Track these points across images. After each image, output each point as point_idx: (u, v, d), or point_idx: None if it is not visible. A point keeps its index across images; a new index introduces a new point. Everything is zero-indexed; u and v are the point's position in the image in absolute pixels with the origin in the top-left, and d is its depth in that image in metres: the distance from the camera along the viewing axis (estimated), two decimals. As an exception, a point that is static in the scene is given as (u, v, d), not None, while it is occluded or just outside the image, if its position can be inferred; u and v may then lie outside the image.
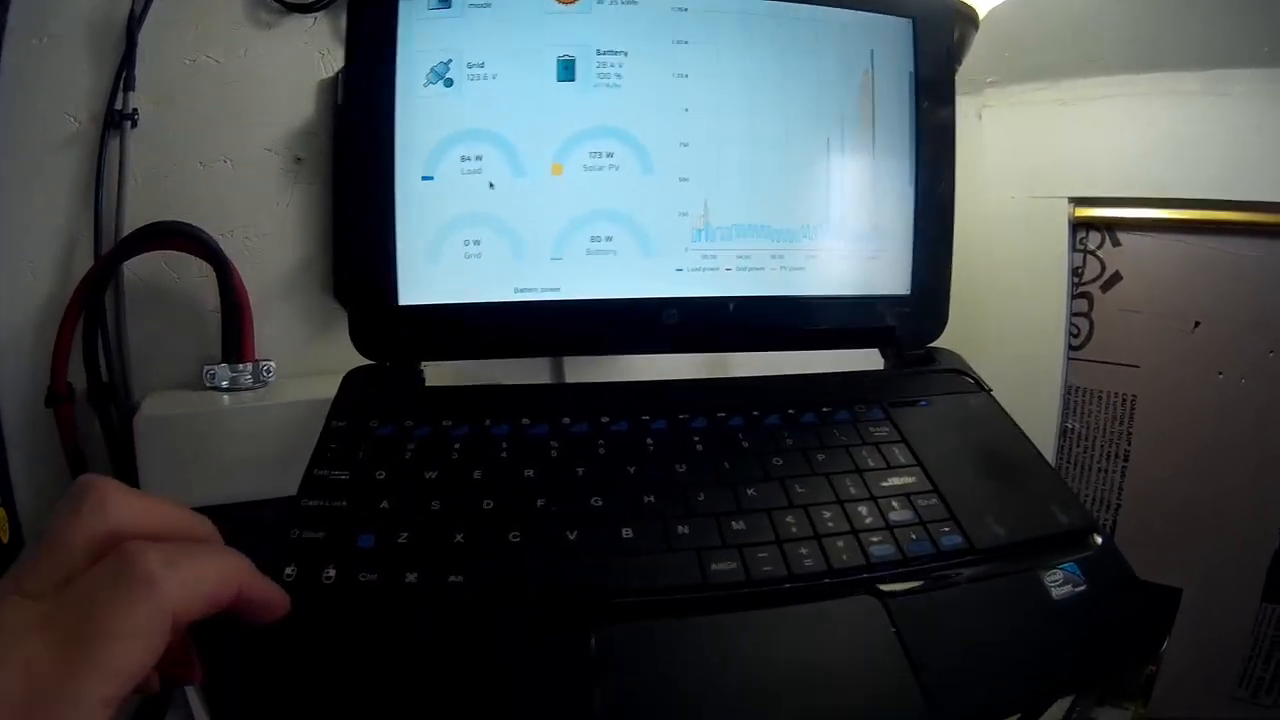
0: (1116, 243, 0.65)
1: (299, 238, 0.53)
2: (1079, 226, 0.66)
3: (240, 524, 0.48)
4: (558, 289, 0.40)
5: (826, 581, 0.30)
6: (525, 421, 0.36)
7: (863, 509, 0.33)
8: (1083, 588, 0.32)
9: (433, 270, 0.40)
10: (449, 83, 0.40)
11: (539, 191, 0.40)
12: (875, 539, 0.31)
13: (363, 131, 0.40)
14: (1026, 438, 0.40)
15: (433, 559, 0.29)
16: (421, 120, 0.39)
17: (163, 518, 0.23)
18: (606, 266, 0.40)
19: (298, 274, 0.53)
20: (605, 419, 0.36)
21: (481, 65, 0.40)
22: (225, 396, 0.49)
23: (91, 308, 0.49)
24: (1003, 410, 0.42)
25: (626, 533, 0.30)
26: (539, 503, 0.32)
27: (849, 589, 0.30)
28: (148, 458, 0.46)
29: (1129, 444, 0.65)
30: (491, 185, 0.40)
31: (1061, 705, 0.65)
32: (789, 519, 0.31)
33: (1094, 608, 0.32)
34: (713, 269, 0.41)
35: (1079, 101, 0.65)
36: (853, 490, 0.34)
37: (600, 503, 0.32)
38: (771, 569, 0.29)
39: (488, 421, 0.36)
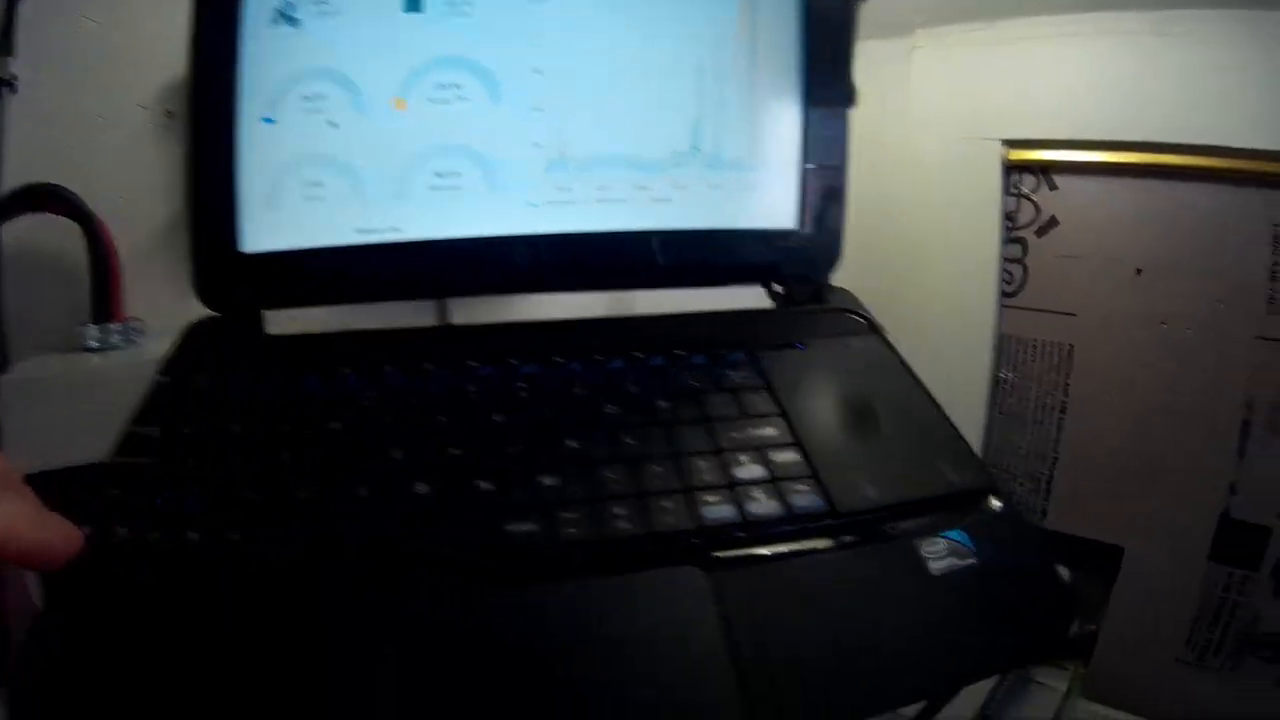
0: (1053, 186, 0.62)
1: (171, 194, 0.51)
2: (1013, 169, 0.62)
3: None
4: (400, 229, 0.38)
5: (646, 548, 0.26)
6: (346, 371, 0.33)
7: (702, 463, 0.29)
8: (970, 561, 0.28)
9: (275, 216, 0.38)
10: (293, 21, 0.37)
11: (381, 128, 0.37)
12: (711, 498, 0.27)
13: (207, 75, 0.37)
14: (921, 385, 0.37)
15: (218, 517, 0.27)
16: (266, 61, 0.37)
17: None
18: (452, 203, 0.38)
19: (169, 231, 0.51)
20: (429, 366, 0.33)
21: (326, 1, 0.37)
22: (95, 357, 0.47)
23: (-35, 272, 0.48)
24: (895, 353, 0.39)
25: (422, 488, 0.28)
26: (337, 457, 0.29)
27: (672, 557, 0.26)
28: (14, 422, 0.45)
29: (1066, 395, 0.62)
30: (332, 124, 0.38)
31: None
32: (609, 474, 0.28)
33: (984, 585, 0.27)
34: (569, 202, 0.38)
35: (1015, 41, 0.62)
36: (694, 443, 0.30)
37: (401, 456, 0.29)
38: (576, 531, 0.26)
39: (304, 374, 0.34)
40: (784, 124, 0.41)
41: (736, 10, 0.40)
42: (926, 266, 0.63)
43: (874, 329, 0.40)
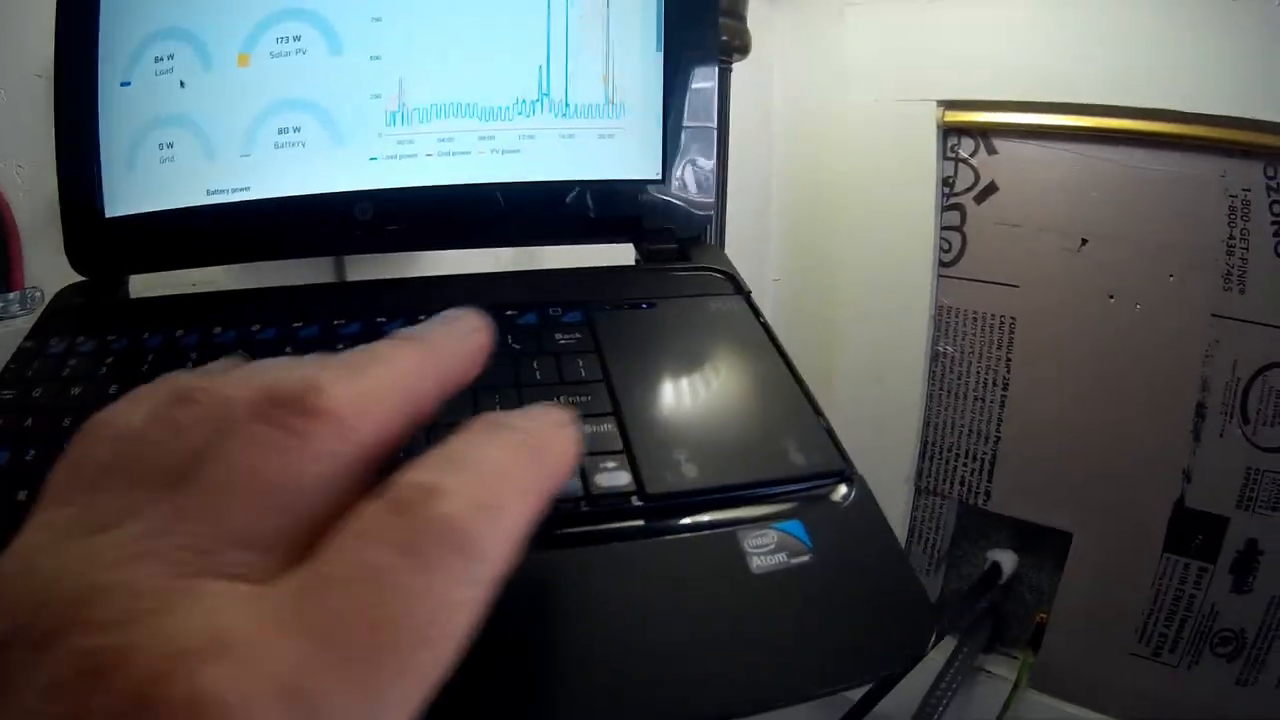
0: (992, 150, 0.59)
1: (69, 163, 0.51)
2: (950, 132, 0.59)
3: None
4: (247, 188, 0.37)
5: None
6: (179, 332, 0.33)
7: None
8: (804, 558, 0.23)
9: (133, 179, 0.38)
10: (146, -21, 0.37)
11: (227, 85, 0.37)
12: None
13: (69, 43, 0.38)
14: (783, 353, 0.32)
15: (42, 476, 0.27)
16: (120, 25, 0.37)
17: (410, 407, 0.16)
18: (296, 160, 0.37)
19: (67, 201, 0.52)
20: (256, 326, 0.33)
21: (175, -43, 0.37)
22: (-8, 325, 0.48)
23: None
24: (756, 318, 0.35)
25: None
26: None
27: None
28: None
29: (1009, 370, 0.59)
30: (182, 84, 0.37)
31: (945, 649, 0.60)
32: None
33: (818, 588, 0.22)
34: (410, 155, 0.37)
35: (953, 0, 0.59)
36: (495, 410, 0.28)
37: None
38: None
39: (146, 335, 0.34)
40: (643, 70, 0.39)
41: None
42: (860, 233, 0.60)
43: (739, 289, 0.38)
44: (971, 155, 0.59)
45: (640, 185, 0.39)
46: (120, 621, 0.11)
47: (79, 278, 0.47)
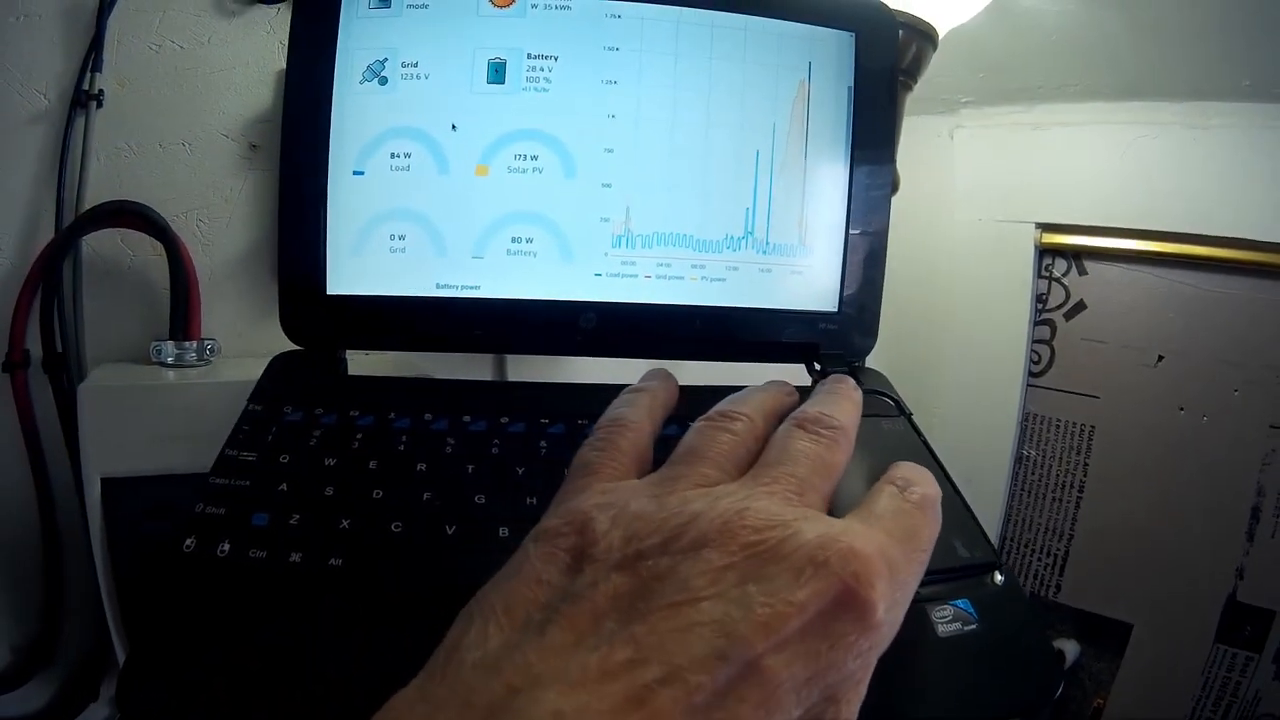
0: (1083, 271, 0.64)
1: (249, 223, 0.54)
2: (1045, 253, 0.65)
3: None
4: (477, 287, 0.40)
5: None
6: (427, 417, 0.36)
7: None
8: (973, 626, 0.31)
9: (359, 262, 0.41)
10: (383, 81, 0.40)
11: (463, 191, 0.40)
12: None
13: (301, 124, 0.40)
14: (941, 467, 0.40)
15: (318, 541, 0.30)
16: (356, 116, 0.40)
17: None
18: (526, 267, 0.40)
19: (246, 258, 0.54)
20: (504, 420, 0.36)
21: (415, 64, 0.40)
22: (169, 372, 0.50)
23: (50, 279, 0.51)
24: (918, 436, 0.41)
25: (503, 532, 0.31)
26: (425, 496, 0.32)
27: None
28: (89, 426, 0.47)
29: (1085, 475, 0.65)
30: (418, 183, 0.40)
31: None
32: None
33: (984, 649, 0.31)
34: (631, 275, 0.41)
35: (1053, 126, 0.65)
36: None
37: (483, 501, 0.32)
38: None
39: (391, 414, 0.37)
40: (830, 212, 0.43)
41: (791, 103, 0.43)
42: (958, 342, 0.66)
43: (902, 411, 0.43)
44: (1064, 275, 0.65)
45: (821, 315, 0.43)
46: (772, 525, 0.19)
47: (249, 335, 0.50)
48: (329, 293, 0.41)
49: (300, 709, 0.26)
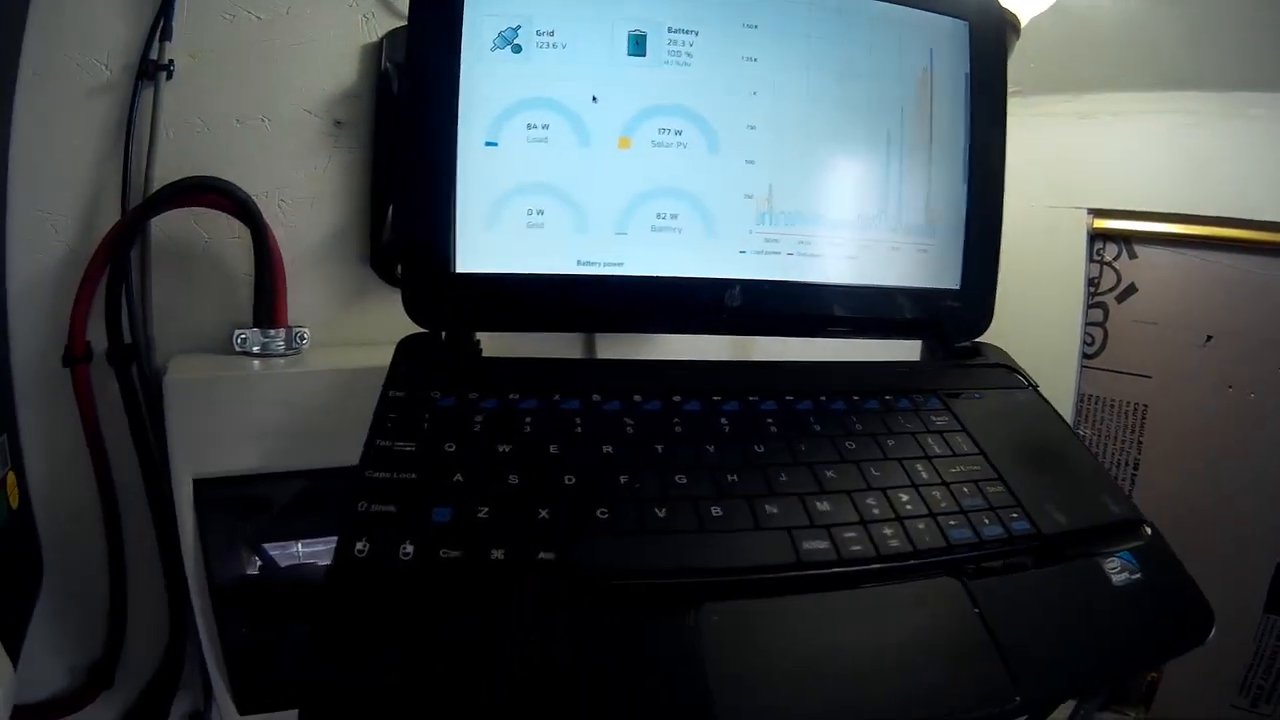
0: (1133, 255, 0.67)
1: (335, 204, 0.51)
2: (1097, 238, 0.67)
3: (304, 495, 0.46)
4: (621, 264, 0.39)
5: (912, 563, 0.30)
6: (596, 398, 0.35)
7: (937, 493, 0.34)
8: (1138, 576, 0.33)
9: (492, 239, 0.39)
10: (517, 49, 0.39)
11: (606, 164, 0.39)
12: (953, 522, 0.32)
13: (425, 94, 0.38)
14: (1075, 433, 0.41)
15: (519, 536, 0.28)
16: (486, 85, 0.38)
17: None
18: (671, 244, 0.40)
19: (332, 241, 0.51)
20: (677, 398, 0.35)
21: (551, 33, 0.39)
22: (256, 362, 0.47)
23: (116, 264, 0.47)
24: (1050, 406, 0.43)
25: (715, 510, 0.30)
26: (622, 479, 0.31)
27: (930, 570, 0.30)
28: (178, 422, 0.44)
29: (1139, 452, 0.67)
30: (557, 155, 0.39)
31: (1066, 707, 0.66)
32: (870, 501, 0.32)
33: (1148, 595, 0.33)
34: (774, 253, 0.41)
35: (1101, 115, 0.67)
36: (925, 475, 0.34)
37: (684, 480, 0.31)
38: (860, 549, 0.30)
39: (556, 396, 0.35)
40: (953, 192, 0.44)
41: (917, 87, 0.43)
42: (1012, 326, 0.67)
43: (1029, 383, 0.44)
44: (1115, 259, 0.67)
45: (945, 293, 0.44)
46: None
47: (337, 322, 0.47)
48: (457, 271, 0.39)
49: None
